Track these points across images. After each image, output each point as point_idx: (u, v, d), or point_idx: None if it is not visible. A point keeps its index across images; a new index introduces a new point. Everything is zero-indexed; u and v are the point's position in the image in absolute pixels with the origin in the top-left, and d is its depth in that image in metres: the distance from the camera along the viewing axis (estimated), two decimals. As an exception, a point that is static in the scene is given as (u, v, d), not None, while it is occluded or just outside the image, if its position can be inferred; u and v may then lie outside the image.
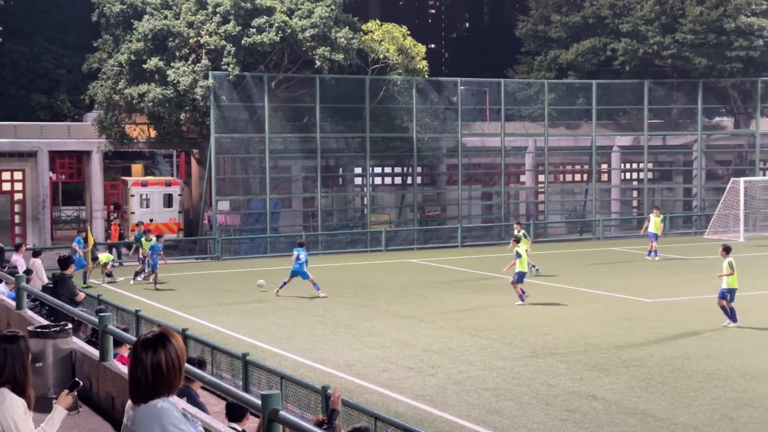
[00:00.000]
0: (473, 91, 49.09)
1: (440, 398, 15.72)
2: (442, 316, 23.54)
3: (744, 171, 47.17)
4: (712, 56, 44.66)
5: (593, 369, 17.62)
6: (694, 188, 48.54)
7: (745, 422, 14.08)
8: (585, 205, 48.39)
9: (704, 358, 18.37)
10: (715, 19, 43.77)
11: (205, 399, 11.03)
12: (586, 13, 47.49)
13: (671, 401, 15.28)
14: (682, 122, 49.55)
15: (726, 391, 15.81)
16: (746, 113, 48.79)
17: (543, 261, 32.17)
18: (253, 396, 7.19)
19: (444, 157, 46.18)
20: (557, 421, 14.34)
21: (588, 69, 47.57)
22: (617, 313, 23.70)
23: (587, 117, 47.32)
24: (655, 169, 50.00)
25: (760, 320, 22.52)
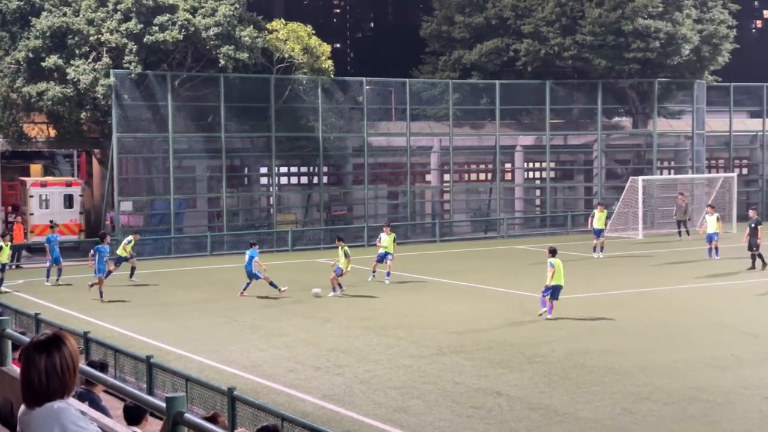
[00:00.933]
0: (379, 90, 49.26)
1: (347, 397, 15.74)
2: (349, 316, 23.58)
3: (642, 170, 48.26)
4: (611, 57, 45.60)
5: (498, 366, 17.84)
6: (594, 187, 49.49)
7: (645, 415, 14.43)
8: (489, 204, 48.96)
9: (605, 353, 18.76)
10: (613, 21, 44.69)
11: (108, 403, 10.84)
12: (489, 15, 48.03)
13: (574, 396, 15.56)
14: (582, 122, 50.47)
15: (626, 386, 16.17)
16: (644, 113, 49.93)
17: (449, 260, 32.45)
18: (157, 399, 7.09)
19: (350, 156, 46.24)
20: (463, 418, 14.48)
21: (491, 69, 48.12)
22: (521, 310, 24.05)
23: (491, 117, 47.87)
24: (557, 168, 50.85)
25: (659, 316, 23.11)
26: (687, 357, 18.29)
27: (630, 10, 44.56)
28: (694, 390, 15.77)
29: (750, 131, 54.20)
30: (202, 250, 39.31)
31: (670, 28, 44.98)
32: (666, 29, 44.79)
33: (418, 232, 45.46)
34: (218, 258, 37.82)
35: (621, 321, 22.33)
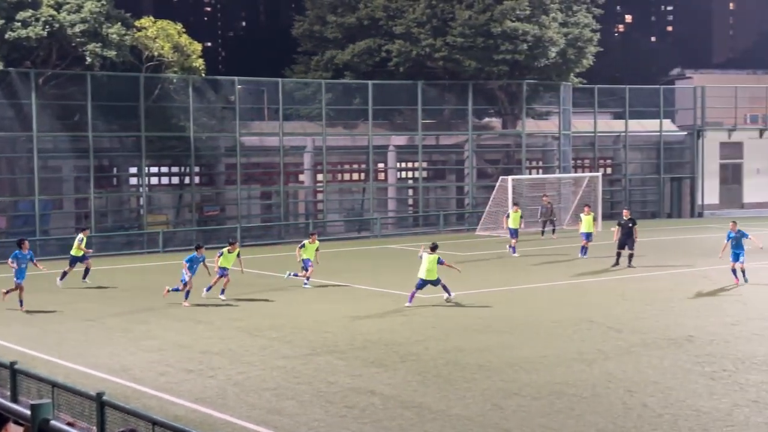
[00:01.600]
0: (251, 90, 48.88)
1: (220, 400, 15.58)
2: (221, 317, 23.35)
3: (512, 169, 49.23)
4: (480, 59, 46.37)
5: (372, 365, 17.94)
6: (466, 186, 50.26)
7: (514, 411, 14.72)
8: (363, 204, 49.18)
9: (476, 350, 19.07)
10: (482, 23, 45.45)
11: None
12: (361, 15, 48.25)
13: (446, 393, 15.77)
14: (454, 122, 51.18)
15: (496, 382, 16.47)
16: (513, 114, 50.95)
17: (322, 259, 32.37)
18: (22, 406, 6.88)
19: (222, 156, 45.79)
20: (337, 418, 14.51)
21: (364, 69, 48.34)
22: (394, 310, 24.22)
23: (364, 117, 48.08)
24: (429, 168, 51.42)
25: (527, 313, 23.60)
26: (554, 352, 18.74)
27: (498, 12, 45.40)
28: (561, 384, 16.17)
29: (613, 132, 55.89)
30: (69, 252, 38.21)
31: (537, 31, 46.02)
32: (533, 32, 45.80)
33: (292, 232, 45.32)
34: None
35: (492, 318, 22.74)
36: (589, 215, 35.09)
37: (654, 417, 14.21)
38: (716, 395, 15.32)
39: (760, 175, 58.42)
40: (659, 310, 23.52)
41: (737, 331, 20.61)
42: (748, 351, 18.53)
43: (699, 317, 22.38)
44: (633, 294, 26.22)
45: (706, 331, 20.65)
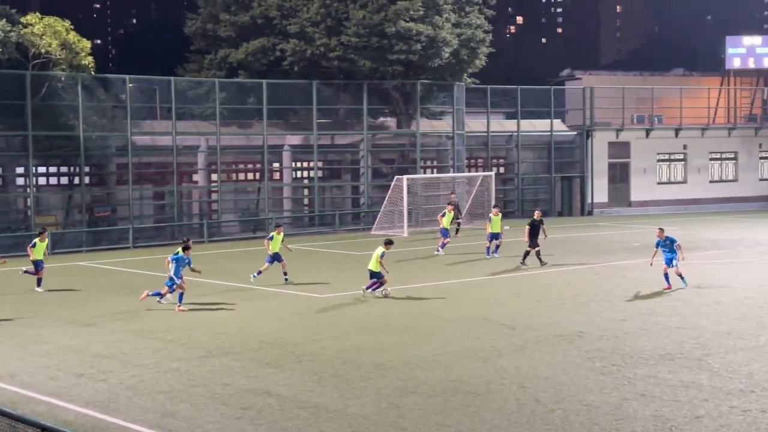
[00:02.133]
0: (143, 88, 48.08)
1: (112, 404, 15.29)
2: (114, 320, 22.92)
3: (407, 169, 49.54)
4: (375, 59, 46.52)
5: (267, 366, 17.84)
6: (361, 186, 50.38)
7: (410, 409, 14.81)
8: (258, 204, 48.85)
9: (372, 349, 19.14)
10: (377, 23, 45.61)
11: None
12: (255, 14, 47.93)
13: (342, 393, 15.78)
14: (349, 122, 51.25)
15: (392, 380, 16.55)
16: (407, 114, 51.25)
17: (218, 260, 32.13)
18: None
19: (113, 156, 44.93)
20: (233, 420, 14.38)
21: (258, 69, 48.03)
22: (290, 310, 24.14)
23: (258, 116, 47.76)
24: (324, 167, 51.37)
25: (423, 311, 23.78)
26: (450, 350, 18.93)
27: (392, 12, 45.62)
28: (457, 382, 16.34)
29: (506, 132, 56.74)
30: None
31: (431, 31, 46.39)
32: (427, 32, 46.15)
33: (186, 232, 44.72)
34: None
35: (388, 317, 22.84)
36: (498, 216, 35.11)
37: (546, 412, 14.47)
38: (606, 389, 15.68)
39: (646, 174, 60.09)
40: (551, 306, 23.97)
41: (626, 326, 21.13)
42: (636, 346, 19.01)
43: (589, 313, 22.88)
44: (526, 291, 26.66)
45: (596, 326, 21.12)
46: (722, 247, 37.11)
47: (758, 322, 21.34)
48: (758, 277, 28.55)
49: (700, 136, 61.54)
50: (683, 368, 17.07)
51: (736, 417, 13.99)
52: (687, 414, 14.19)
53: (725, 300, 24.46)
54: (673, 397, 15.10)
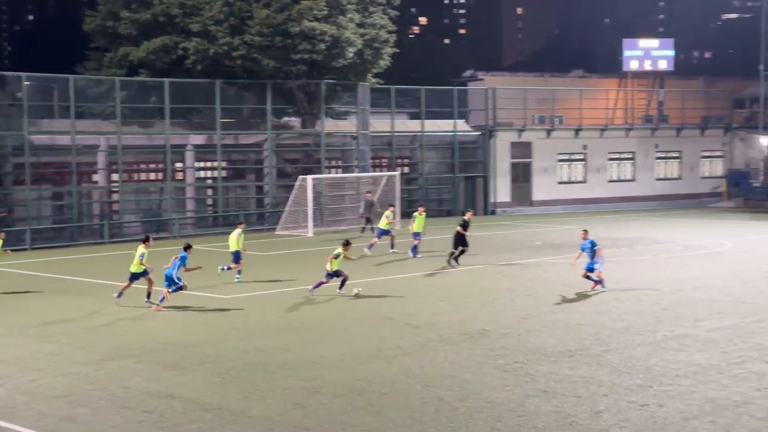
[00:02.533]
0: (40, 87, 46.93)
1: (8, 409, 14.90)
2: (7, 324, 22.33)
3: (311, 169, 49.40)
4: (279, 58, 46.25)
5: (170, 368, 17.59)
6: (265, 186, 50.06)
7: (315, 409, 14.77)
8: (161, 204, 48.14)
9: (276, 350, 19.04)
10: (280, 22, 45.36)
11: None
12: (156, 11, 47.20)
13: (246, 394, 15.65)
14: (253, 122, 50.89)
15: (297, 381, 16.48)
16: (312, 114, 51.10)
17: (119, 261, 31.54)
18: None
19: (10, 156, 43.73)
20: (134, 423, 14.14)
21: (160, 67, 47.32)
22: (193, 311, 23.86)
23: (161, 115, 47.08)
24: (228, 167, 50.89)
25: (328, 311, 23.74)
26: (354, 350, 18.94)
27: (296, 12, 45.44)
28: (362, 381, 16.36)
29: (410, 132, 57.05)
30: None
31: (335, 31, 46.35)
32: (331, 32, 46.09)
33: (86, 233, 43.88)
34: None
35: (293, 317, 22.76)
36: (422, 215, 34.90)
37: (450, 410, 14.58)
38: (509, 386, 15.88)
39: (547, 173, 61.08)
40: (455, 305, 24.17)
41: (529, 324, 21.43)
42: (538, 343, 19.30)
43: (493, 312, 23.14)
44: (430, 290, 26.83)
45: (500, 324, 21.37)
46: (620, 246, 37.92)
47: (655, 318, 21.86)
48: (655, 275, 29.25)
49: (599, 136, 62.81)
50: (584, 364, 17.38)
51: (634, 411, 14.30)
52: (587, 409, 14.45)
53: (623, 297, 25.00)
54: (574, 393, 15.36)
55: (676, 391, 15.35)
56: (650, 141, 65.11)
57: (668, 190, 65.63)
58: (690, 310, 22.80)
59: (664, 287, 26.54)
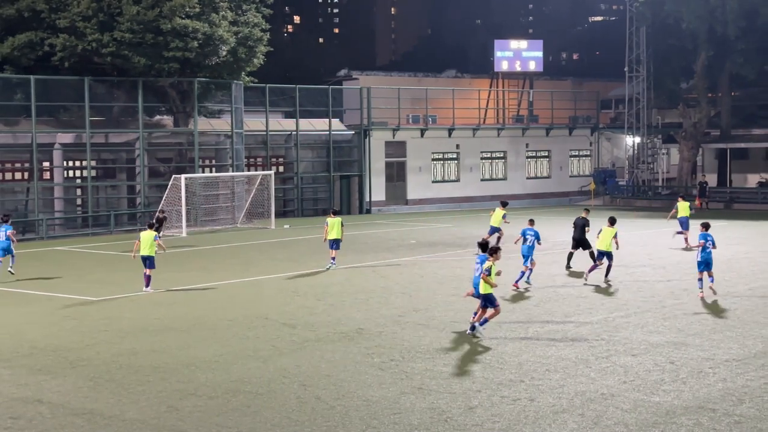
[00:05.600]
0: None
1: None
2: None
3: (185, 168, 48.75)
4: (150, 56, 45.44)
5: (39, 372, 17.12)
6: (137, 185, 49.16)
7: (190, 411, 14.60)
8: (27, 205, 46.74)
9: (151, 352, 18.73)
10: (152, 19, 44.59)
11: None
12: (21, 6, 45.76)
13: (119, 398, 15.36)
14: (123, 120, 49.92)
15: (172, 383, 16.26)
16: (185, 112, 50.44)
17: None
18: None
19: None
20: (0, 430, 13.72)
21: (25, 64, 45.90)
22: (63, 314, 23.28)
23: (26, 113, 45.72)
24: (98, 167, 49.77)
25: (205, 312, 23.47)
26: (231, 350, 18.79)
27: (168, 9, 44.73)
28: (237, 382, 16.24)
29: (285, 131, 56.90)
30: None
31: (208, 28, 45.82)
32: (203, 30, 45.55)
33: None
34: None
35: (168, 319, 22.42)
36: (334, 218, 32.07)
37: (327, 409, 14.61)
38: (385, 384, 16.00)
39: (421, 172, 61.77)
40: (331, 305, 24.21)
41: (404, 322, 21.62)
42: (413, 341, 19.50)
43: (369, 310, 23.27)
44: (306, 290, 26.81)
45: (376, 323, 21.51)
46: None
47: (527, 315, 22.35)
48: (526, 271, 29.86)
49: (471, 136, 63.85)
50: (458, 361, 17.65)
51: (507, 406, 14.59)
52: (461, 405, 14.68)
53: (496, 294, 25.40)
54: (448, 389, 15.58)
55: (547, 386, 15.72)
56: (521, 140, 66.55)
57: (539, 188, 67.20)
58: (560, 306, 23.39)
59: (535, 283, 27.14)
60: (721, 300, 23.94)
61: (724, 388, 15.41)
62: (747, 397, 14.87)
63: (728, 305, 23.16)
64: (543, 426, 13.55)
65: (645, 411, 14.16)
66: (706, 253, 23.96)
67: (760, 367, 16.74)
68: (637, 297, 24.68)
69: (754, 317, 21.54)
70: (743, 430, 13.23)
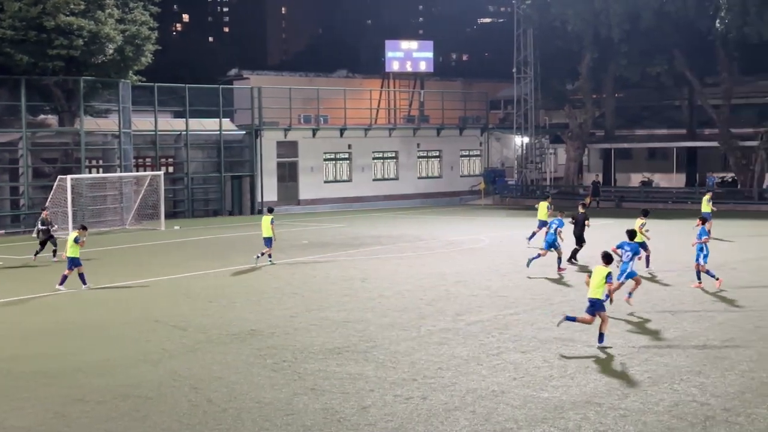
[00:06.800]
0: None
1: None
2: None
3: (71, 168, 47.64)
4: (34, 53, 44.25)
5: None
6: (21, 187, 47.83)
7: (78, 417, 14.26)
8: None
9: (35, 357, 18.24)
10: (35, 16, 43.45)
11: None
12: None
13: (1, 405, 14.89)
14: (6, 119, 48.54)
15: (59, 389, 15.85)
16: (70, 111, 49.28)
17: None
18: None
19: None
20: None
21: None
22: (-58, 320, 22.50)
23: None
24: (-21, 167, 48.29)
25: (92, 316, 22.98)
26: (120, 354, 18.42)
27: (51, 6, 43.66)
28: (127, 387, 15.93)
29: (175, 131, 56.11)
30: None
31: (93, 26, 44.89)
32: (89, 27, 44.60)
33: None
34: None
35: (53, 323, 21.86)
36: (265, 217, 32.42)
37: (219, 412, 14.44)
38: (277, 386, 15.90)
39: (313, 172, 61.68)
40: (223, 306, 23.96)
41: (296, 322, 21.54)
42: (306, 341, 19.43)
43: (261, 311, 23.10)
44: (198, 291, 26.48)
45: (268, 324, 21.37)
46: (384, 243, 38.79)
47: (419, 314, 22.49)
48: (418, 271, 30.09)
49: (363, 136, 64.04)
50: (351, 361, 17.66)
51: (400, 405, 14.65)
52: (354, 405, 14.69)
53: (388, 293, 25.58)
54: (341, 390, 15.58)
55: (439, 384, 15.86)
56: (412, 140, 67.04)
57: (430, 188, 67.80)
58: (451, 305, 23.61)
59: (426, 283, 27.35)
60: (607, 296, 24.50)
61: (610, 383, 15.78)
62: (632, 391, 15.25)
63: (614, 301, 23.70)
64: (435, 424, 13.66)
65: (534, 407, 14.40)
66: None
67: (643, 362, 17.19)
68: (526, 294, 25.08)
69: (637, 313, 22.10)
70: (628, 423, 13.56)
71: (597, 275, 18.72)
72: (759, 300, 23.72)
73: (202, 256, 34.36)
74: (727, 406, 14.31)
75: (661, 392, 15.11)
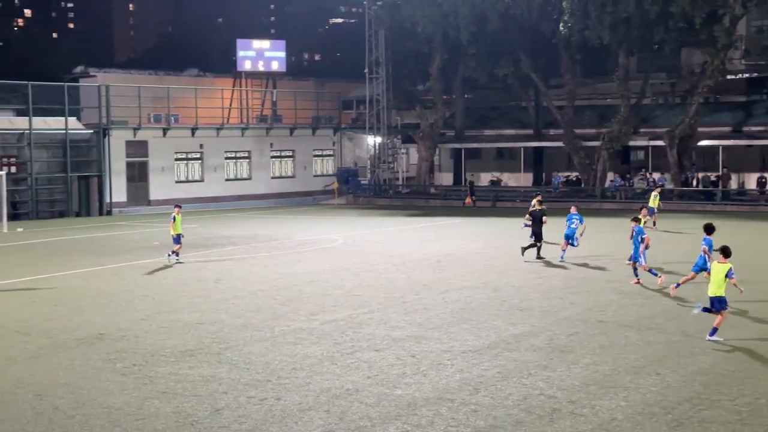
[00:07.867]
0: None
1: None
2: None
3: None
4: None
5: None
6: None
7: None
8: None
9: None
10: None
11: None
12: None
13: None
14: None
15: None
16: None
17: None
18: None
19: None
20: None
21: None
22: None
23: None
24: None
25: (-74, 322, 21.97)
26: (-42, 362, 17.68)
27: None
28: (-33, 396, 15.30)
29: (17, 129, 54.20)
30: None
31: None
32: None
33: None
34: None
35: None
36: (179, 216, 32.31)
37: (65, 419, 14.02)
38: (127, 390, 15.55)
39: (164, 172, 60.61)
40: (69, 310, 23.28)
41: (147, 325, 21.11)
42: (157, 344, 19.07)
43: (109, 315, 22.54)
44: (43, 295, 25.66)
45: (117, 327, 20.87)
46: (238, 243, 38.46)
47: (273, 314, 22.38)
48: (272, 271, 29.96)
49: (215, 135, 63.32)
50: (203, 363, 17.42)
51: (253, 406, 14.54)
52: (207, 408, 14.50)
53: (242, 294, 25.36)
54: (194, 392, 15.35)
55: (293, 384, 15.81)
56: (265, 140, 66.70)
57: (284, 188, 67.60)
58: (305, 305, 23.58)
59: (280, 283, 27.25)
60: (457, 294, 24.95)
61: (462, 379, 16.05)
62: (482, 386, 15.55)
63: (464, 299, 24.16)
64: (290, 424, 13.61)
65: (388, 404, 14.52)
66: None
67: (493, 357, 17.57)
68: (379, 293, 25.28)
69: (487, 310, 22.57)
70: (479, 417, 13.82)
71: (717, 273, 18.08)
72: (601, 295, 24.57)
73: (47, 259, 33.30)
74: (572, 398, 14.76)
75: (511, 387, 15.47)
